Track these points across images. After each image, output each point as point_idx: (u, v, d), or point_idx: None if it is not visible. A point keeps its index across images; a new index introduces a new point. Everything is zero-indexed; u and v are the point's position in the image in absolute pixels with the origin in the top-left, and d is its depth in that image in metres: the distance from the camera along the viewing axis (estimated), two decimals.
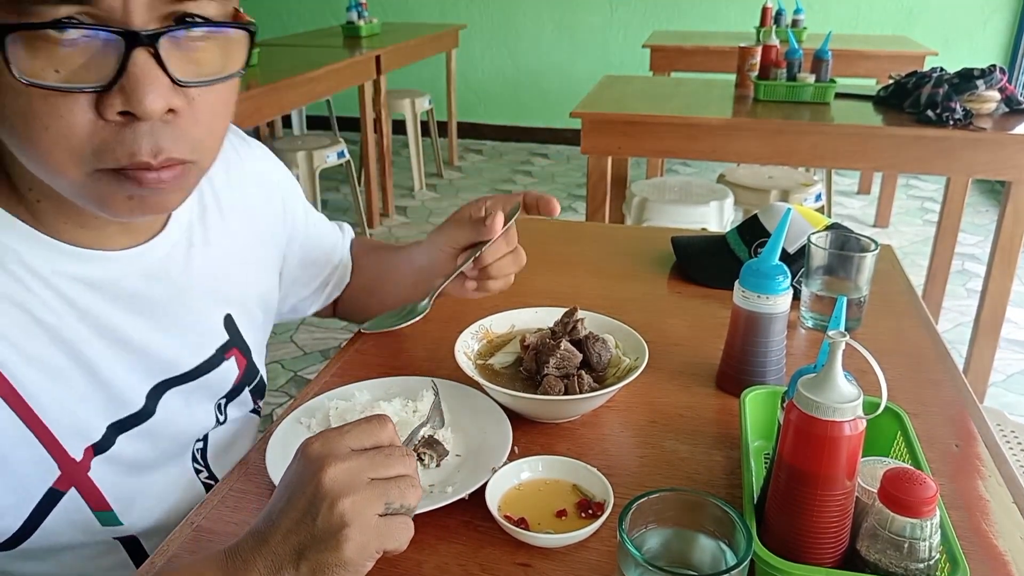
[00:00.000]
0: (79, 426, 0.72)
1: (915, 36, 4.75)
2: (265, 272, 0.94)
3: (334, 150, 3.57)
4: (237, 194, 0.88)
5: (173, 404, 0.80)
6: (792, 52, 2.59)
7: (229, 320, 0.86)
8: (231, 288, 0.87)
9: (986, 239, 3.96)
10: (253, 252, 0.91)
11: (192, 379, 0.82)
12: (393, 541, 0.56)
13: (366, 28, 4.25)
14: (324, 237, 1.06)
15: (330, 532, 0.54)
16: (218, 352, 0.85)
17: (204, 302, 0.83)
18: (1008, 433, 1.51)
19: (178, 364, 0.80)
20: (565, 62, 5.67)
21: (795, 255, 1.19)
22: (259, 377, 0.93)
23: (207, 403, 0.86)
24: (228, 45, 0.61)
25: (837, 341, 0.62)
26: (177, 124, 0.59)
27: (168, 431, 0.81)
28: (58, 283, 0.68)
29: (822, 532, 0.64)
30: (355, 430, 0.59)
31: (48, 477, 0.70)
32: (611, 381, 0.92)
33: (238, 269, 0.88)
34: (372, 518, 0.55)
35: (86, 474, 0.73)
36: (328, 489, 0.55)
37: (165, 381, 0.79)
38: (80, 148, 0.57)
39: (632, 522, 0.60)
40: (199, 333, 0.83)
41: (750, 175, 3.04)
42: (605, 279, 1.32)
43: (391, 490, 0.57)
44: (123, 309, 0.73)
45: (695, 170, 5.25)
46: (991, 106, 2.35)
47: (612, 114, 2.48)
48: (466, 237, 0.90)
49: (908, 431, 0.78)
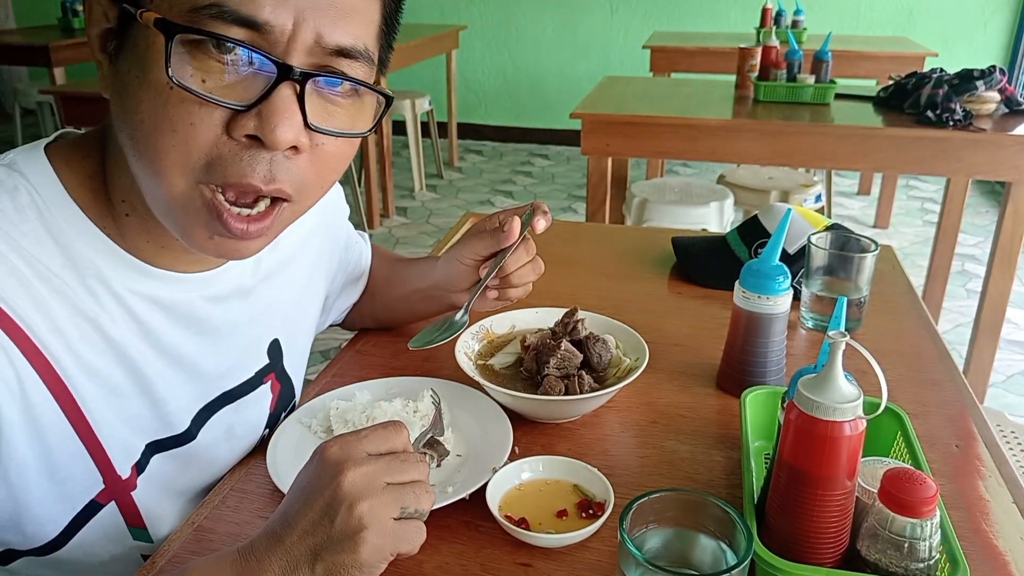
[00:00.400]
0: (127, 443, 0.72)
1: (915, 37, 4.75)
2: (315, 297, 0.96)
3: None
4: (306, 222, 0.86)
5: (216, 432, 0.81)
6: (792, 53, 2.59)
7: (275, 345, 0.87)
8: (283, 314, 0.87)
9: (986, 240, 3.96)
10: (308, 278, 0.92)
11: (230, 401, 0.82)
12: (407, 544, 0.58)
13: None
14: (362, 256, 1.07)
15: (347, 534, 0.55)
16: (257, 375, 0.85)
17: (256, 328, 0.84)
18: (1008, 434, 1.51)
19: (220, 385, 0.81)
20: (565, 63, 5.67)
21: (795, 256, 1.19)
22: (293, 403, 0.93)
23: (251, 436, 0.86)
24: (363, 107, 0.65)
25: (837, 341, 0.62)
26: (295, 162, 0.61)
27: (206, 457, 0.80)
28: (129, 301, 0.69)
29: (822, 532, 0.64)
30: (372, 435, 0.60)
31: (92, 489, 0.71)
32: (611, 381, 0.92)
33: (293, 296, 0.89)
34: (388, 521, 0.56)
35: (130, 493, 0.73)
36: (347, 492, 0.55)
37: (210, 404, 0.79)
38: (196, 157, 0.58)
39: (633, 522, 0.60)
40: (243, 357, 0.83)
41: (750, 176, 3.04)
42: (605, 279, 1.32)
43: (407, 495, 0.58)
44: (183, 329, 0.74)
45: (695, 171, 5.25)
46: (991, 107, 2.35)
47: (612, 115, 2.48)
48: (486, 247, 0.90)
49: (908, 431, 0.79)
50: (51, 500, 0.68)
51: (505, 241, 0.88)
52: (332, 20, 0.58)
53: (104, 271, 0.67)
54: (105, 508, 0.72)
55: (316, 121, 0.60)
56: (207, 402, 0.79)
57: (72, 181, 0.67)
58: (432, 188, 4.92)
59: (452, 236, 1.49)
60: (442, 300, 1.00)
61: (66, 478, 0.68)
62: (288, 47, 0.57)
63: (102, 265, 0.67)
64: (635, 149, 2.57)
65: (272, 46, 0.57)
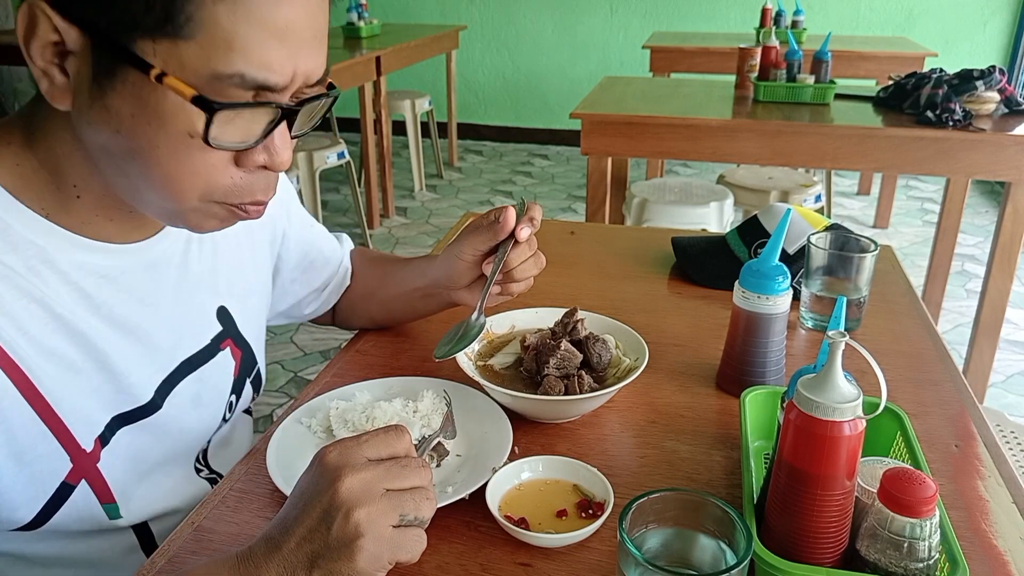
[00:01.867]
0: (90, 418, 0.73)
1: (915, 37, 4.75)
2: (257, 268, 0.96)
3: (334, 151, 3.57)
4: None
5: (181, 401, 0.82)
6: (792, 53, 2.59)
7: (223, 312, 0.88)
8: (225, 281, 0.88)
9: (986, 240, 3.96)
10: (248, 248, 0.93)
11: (192, 370, 0.83)
12: (406, 553, 0.57)
13: (366, 29, 4.25)
14: (323, 241, 1.07)
15: (344, 542, 0.55)
16: (213, 342, 0.87)
17: (200, 294, 0.85)
18: (1008, 434, 1.51)
19: (177, 353, 0.82)
20: (565, 63, 5.67)
21: (795, 256, 1.19)
22: (256, 369, 0.94)
23: (217, 402, 0.88)
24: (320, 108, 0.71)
25: (837, 341, 0.62)
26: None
27: (175, 426, 0.82)
28: (75, 276, 0.71)
29: (822, 532, 0.64)
30: (372, 440, 0.60)
31: (61, 470, 0.72)
32: (611, 381, 0.92)
33: (232, 263, 0.90)
34: (386, 529, 0.56)
35: (95, 465, 0.74)
36: (344, 499, 0.56)
37: (173, 374, 0.81)
38: (214, 190, 0.65)
39: (632, 522, 0.60)
40: (193, 323, 0.84)
41: (750, 176, 3.04)
42: (605, 280, 1.32)
43: (406, 502, 0.58)
44: (131, 299, 0.76)
45: (695, 171, 5.25)
46: (991, 107, 2.35)
47: (612, 115, 2.48)
48: (484, 241, 0.90)
49: (908, 431, 0.79)
50: (21, 484, 0.69)
51: (501, 233, 0.88)
52: (315, 61, 0.64)
53: (47, 250, 0.68)
54: (77, 488, 0.73)
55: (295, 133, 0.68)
56: (169, 372, 0.81)
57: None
58: (432, 188, 4.92)
59: (452, 236, 1.49)
60: (441, 298, 1.00)
61: (33, 460, 0.69)
62: (285, 92, 0.63)
63: (44, 245, 0.68)
64: (635, 149, 2.57)
65: (275, 96, 0.63)
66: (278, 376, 2.78)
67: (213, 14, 0.56)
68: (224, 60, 0.58)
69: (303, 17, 0.60)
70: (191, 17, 0.56)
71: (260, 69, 0.59)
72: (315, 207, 3.50)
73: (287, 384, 2.73)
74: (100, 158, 0.65)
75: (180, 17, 0.56)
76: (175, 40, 0.57)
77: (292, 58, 0.61)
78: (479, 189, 4.91)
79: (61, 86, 0.61)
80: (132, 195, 0.68)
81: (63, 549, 0.78)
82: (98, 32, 0.58)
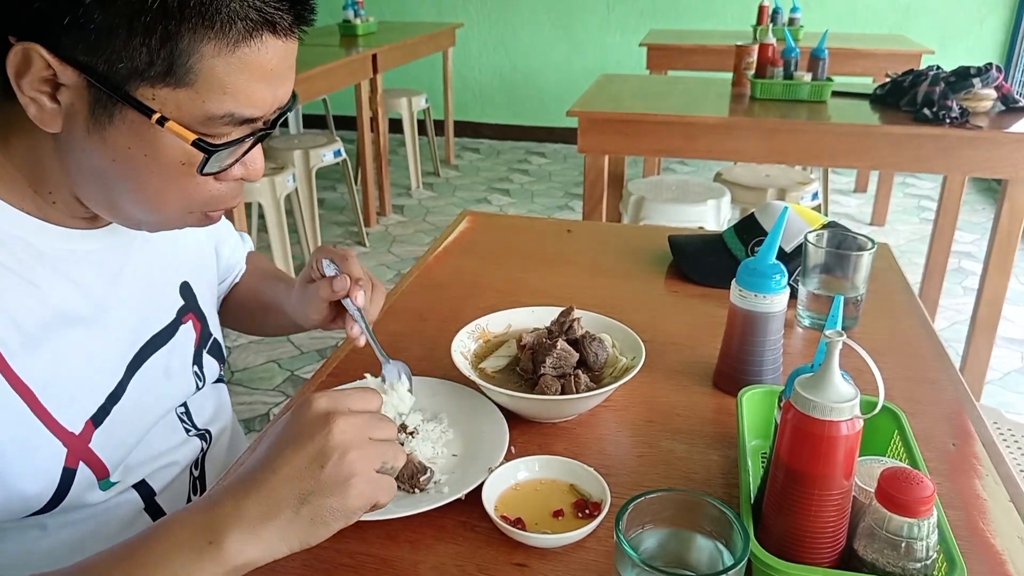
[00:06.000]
0: (77, 401, 0.75)
1: (912, 34, 4.75)
2: (207, 246, 1.00)
3: (330, 149, 3.56)
4: None
5: (154, 375, 0.84)
6: (789, 50, 2.59)
7: (186, 286, 0.92)
8: (188, 257, 0.93)
9: (982, 237, 3.97)
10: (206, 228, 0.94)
11: (161, 344, 0.86)
12: (385, 495, 0.62)
13: (362, 27, 4.24)
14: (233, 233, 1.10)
15: (338, 480, 0.59)
16: (177, 316, 0.90)
17: (163, 272, 0.89)
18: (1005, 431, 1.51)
19: (146, 329, 0.85)
20: (562, 61, 5.66)
21: (792, 254, 1.19)
22: (213, 339, 0.96)
23: (185, 371, 0.90)
24: None
25: (834, 340, 0.62)
26: None
27: (149, 398, 0.84)
28: (64, 267, 0.74)
29: (819, 532, 0.64)
30: (354, 395, 0.65)
31: (59, 457, 0.73)
32: (608, 380, 0.92)
33: (195, 241, 0.95)
34: (373, 472, 0.61)
35: (87, 446, 0.76)
36: (339, 440, 0.60)
37: (143, 348, 0.84)
38: (196, 203, 0.70)
39: (629, 522, 0.60)
40: (159, 299, 0.88)
41: (747, 173, 3.03)
42: (602, 278, 1.32)
43: (387, 451, 0.63)
44: (109, 279, 0.79)
45: (692, 169, 5.25)
46: (987, 104, 2.35)
47: (609, 113, 2.47)
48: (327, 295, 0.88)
49: (905, 430, 0.78)
50: (29, 475, 0.71)
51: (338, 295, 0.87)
52: (289, 88, 0.70)
53: (35, 245, 0.72)
54: (78, 471, 0.75)
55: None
56: (139, 347, 0.83)
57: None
58: (429, 186, 4.91)
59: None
60: (292, 321, 0.99)
61: (34, 453, 0.71)
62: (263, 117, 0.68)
63: (32, 240, 0.72)
64: (632, 147, 2.57)
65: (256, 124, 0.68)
66: (274, 375, 2.77)
67: (211, 66, 0.61)
68: (217, 103, 0.63)
69: (284, 58, 0.66)
70: (191, 69, 0.61)
71: (248, 107, 0.65)
72: (311, 205, 3.49)
73: (283, 383, 2.73)
74: (85, 178, 0.69)
75: (181, 69, 0.61)
76: (174, 88, 0.62)
77: (273, 92, 0.67)
78: (476, 187, 4.91)
79: (52, 113, 0.64)
80: (108, 208, 0.71)
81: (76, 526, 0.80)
82: (96, 74, 0.61)
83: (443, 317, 1.12)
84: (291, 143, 3.56)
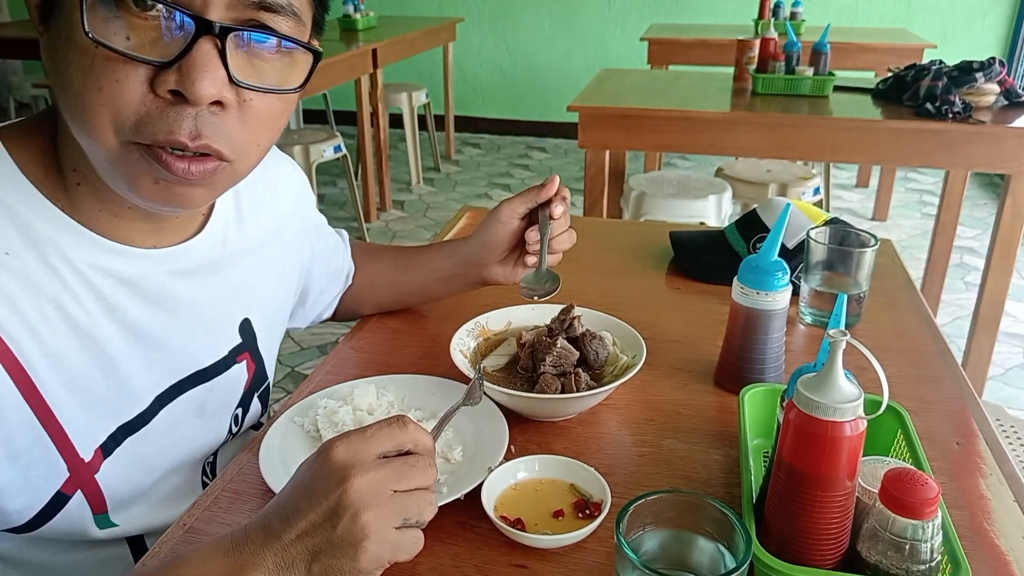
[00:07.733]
0: (91, 426, 0.71)
1: (914, 29, 4.73)
2: (285, 282, 0.95)
3: (331, 144, 3.56)
4: (271, 205, 0.90)
5: (185, 409, 0.80)
6: (790, 45, 2.58)
7: (246, 324, 0.87)
8: (253, 294, 0.87)
9: (985, 232, 3.95)
10: (278, 261, 0.92)
11: (204, 380, 0.82)
12: (404, 554, 0.59)
13: (363, 21, 4.22)
14: (337, 247, 1.08)
15: (349, 542, 0.56)
16: (231, 354, 0.85)
17: (226, 306, 0.83)
18: (1008, 428, 1.51)
19: (191, 363, 0.80)
20: (563, 56, 5.65)
21: (794, 250, 1.18)
22: (267, 384, 0.93)
23: (222, 413, 0.86)
24: (293, 64, 0.64)
25: (838, 340, 0.61)
26: (223, 119, 0.61)
27: (174, 435, 0.80)
28: (92, 277, 0.69)
29: (822, 533, 0.63)
30: (378, 434, 0.60)
31: (57, 480, 0.70)
32: (608, 379, 0.91)
33: (262, 277, 0.89)
34: (390, 531, 0.57)
35: (93, 476, 0.72)
36: (352, 500, 0.56)
37: (177, 384, 0.79)
38: (124, 116, 0.58)
39: (629, 524, 0.60)
40: (214, 334, 0.83)
41: (748, 169, 3.02)
42: (602, 275, 1.31)
43: (411, 505, 0.59)
44: (149, 304, 0.74)
45: (693, 164, 5.24)
46: (990, 99, 2.34)
47: (610, 108, 2.46)
48: (523, 202, 0.95)
49: (909, 429, 0.78)
50: (16, 487, 0.68)
51: (543, 195, 0.92)
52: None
53: (64, 247, 0.67)
54: (72, 500, 0.72)
55: (241, 77, 0.60)
56: (178, 379, 0.79)
57: (23, 157, 0.66)
58: (429, 182, 4.90)
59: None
60: (467, 277, 1.03)
61: (29, 464, 0.68)
62: (205, 1, 0.57)
63: (61, 241, 0.67)
64: (633, 142, 2.56)
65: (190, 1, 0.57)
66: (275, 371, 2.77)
67: None
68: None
69: None
70: None
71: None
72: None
73: (284, 379, 2.72)
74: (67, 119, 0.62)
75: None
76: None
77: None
78: (477, 182, 4.90)
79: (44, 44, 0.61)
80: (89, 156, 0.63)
81: (54, 557, 0.77)
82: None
83: (442, 315, 1.12)
84: (291, 138, 3.55)
